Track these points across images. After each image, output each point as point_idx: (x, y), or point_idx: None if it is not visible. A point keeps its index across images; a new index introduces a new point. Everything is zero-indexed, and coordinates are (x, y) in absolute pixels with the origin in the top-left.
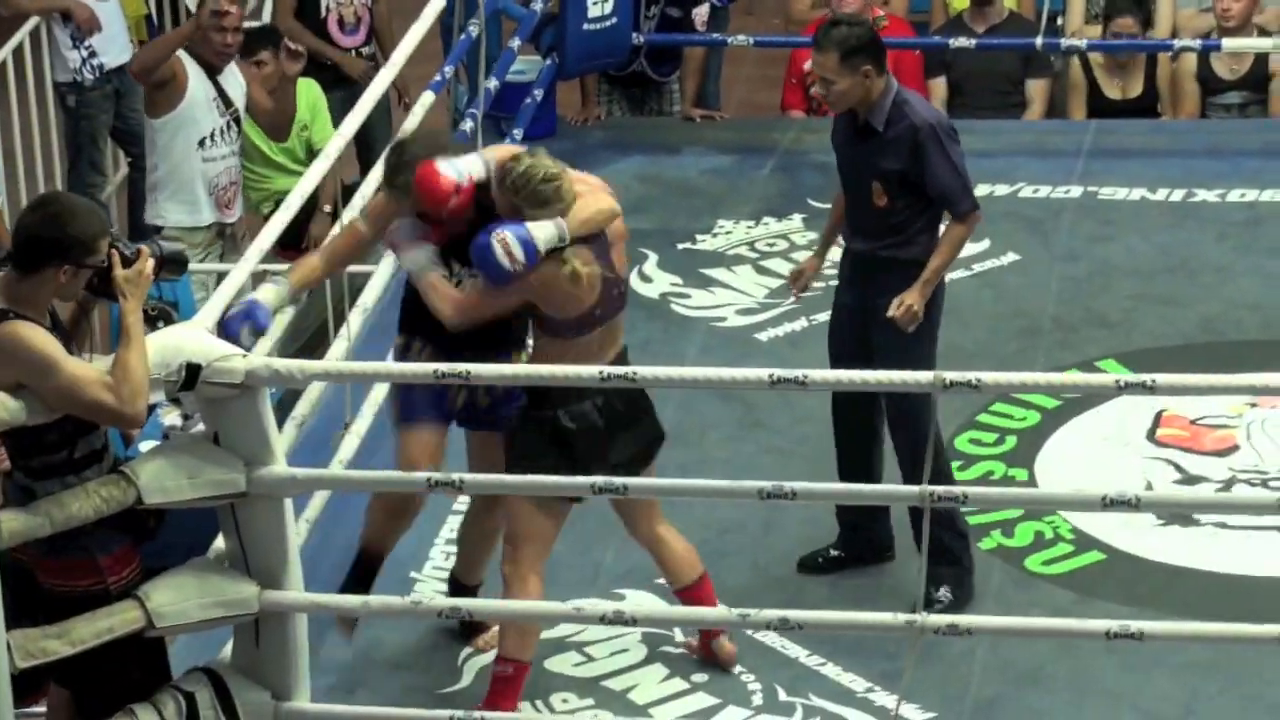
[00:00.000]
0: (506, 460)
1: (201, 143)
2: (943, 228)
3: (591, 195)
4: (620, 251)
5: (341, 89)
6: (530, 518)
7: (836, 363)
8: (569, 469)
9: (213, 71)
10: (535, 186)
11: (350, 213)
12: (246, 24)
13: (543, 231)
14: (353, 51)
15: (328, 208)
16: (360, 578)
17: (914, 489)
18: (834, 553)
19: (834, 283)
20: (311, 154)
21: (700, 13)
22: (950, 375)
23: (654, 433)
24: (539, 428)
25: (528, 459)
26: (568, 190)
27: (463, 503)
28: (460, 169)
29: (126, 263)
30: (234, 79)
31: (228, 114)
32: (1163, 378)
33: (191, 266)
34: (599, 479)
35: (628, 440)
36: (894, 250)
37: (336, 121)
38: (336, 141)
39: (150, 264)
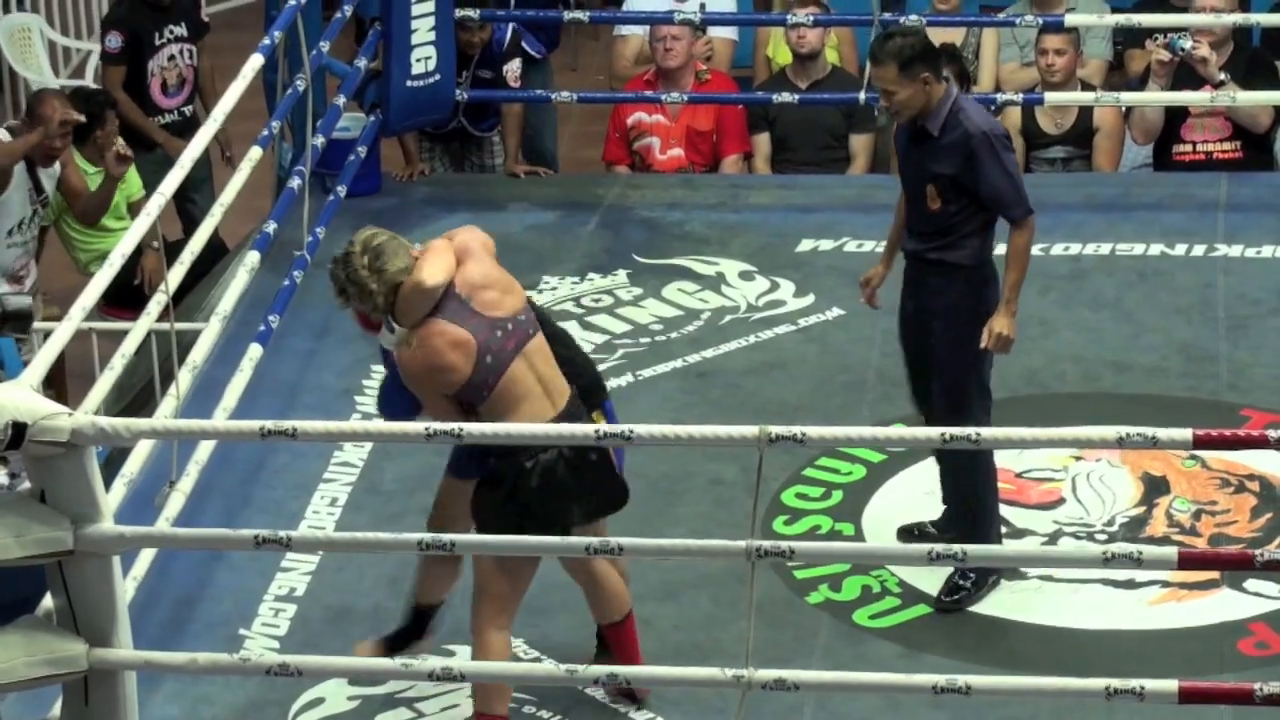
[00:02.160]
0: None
1: (10, 232)
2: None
3: (426, 258)
4: (487, 294)
5: (160, 148)
6: (493, 576)
7: (908, 361)
8: (533, 525)
9: (32, 165)
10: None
11: (178, 268)
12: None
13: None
14: (175, 111)
15: (155, 244)
16: (415, 631)
17: (739, 544)
18: (931, 529)
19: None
20: (132, 209)
21: (512, 68)
22: (775, 429)
23: (619, 493)
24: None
25: (490, 515)
26: (397, 251)
27: (291, 559)
28: None
29: None
30: (49, 169)
31: (37, 201)
32: (987, 431)
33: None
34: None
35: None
36: (942, 253)
37: (157, 180)
38: (157, 199)
39: None
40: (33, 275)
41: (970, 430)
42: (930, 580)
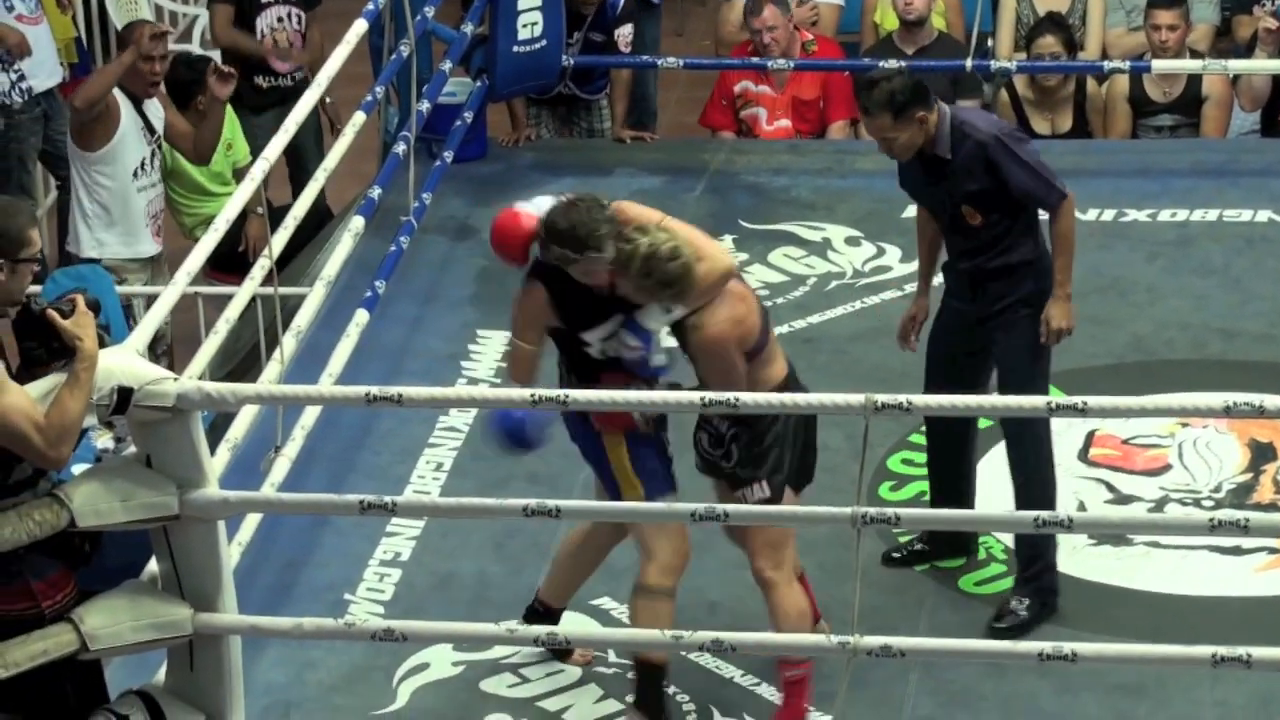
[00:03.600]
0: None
1: (134, 173)
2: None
3: (707, 261)
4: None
5: (275, 109)
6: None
7: (940, 364)
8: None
9: (137, 101)
10: (664, 267)
11: (282, 233)
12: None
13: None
14: (288, 77)
15: (260, 209)
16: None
17: (845, 510)
18: (918, 545)
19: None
20: (238, 174)
21: (624, 33)
22: (882, 398)
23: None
24: None
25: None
26: (692, 262)
27: (396, 524)
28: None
29: (63, 316)
30: (154, 107)
31: (152, 142)
32: (1094, 400)
33: (123, 290)
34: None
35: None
36: (1003, 257)
37: (264, 145)
38: (261, 164)
39: (83, 304)
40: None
41: (1077, 399)
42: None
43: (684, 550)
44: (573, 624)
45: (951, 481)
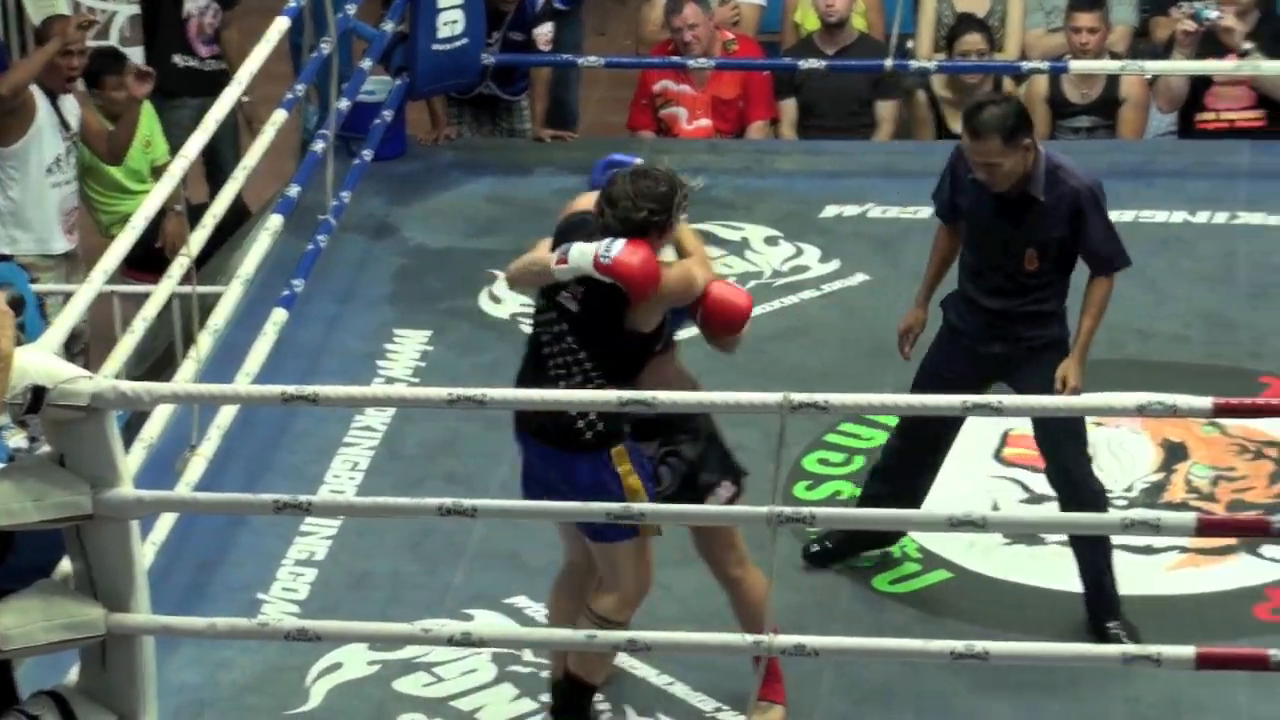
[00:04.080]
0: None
1: (49, 169)
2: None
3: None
4: None
5: (197, 98)
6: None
7: (930, 381)
8: None
9: (52, 96)
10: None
11: (200, 231)
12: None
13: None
14: (209, 60)
15: (178, 207)
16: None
17: (761, 510)
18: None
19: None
20: (155, 172)
21: (543, 32)
22: (798, 397)
23: None
24: None
25: None
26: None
27: (311, 524)
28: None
29: None
30: (70, 103)
31: (68, 139)
32: (1010, 399)
33: (38, 288)
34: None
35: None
36: (1038, 305)
37: (182, 143)
38: (179, 162)
39: (2, 303)
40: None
41: (993, 398)
42: (950, 546)
43: (647, 583)
44: (488, 623)
45: (910, 486)
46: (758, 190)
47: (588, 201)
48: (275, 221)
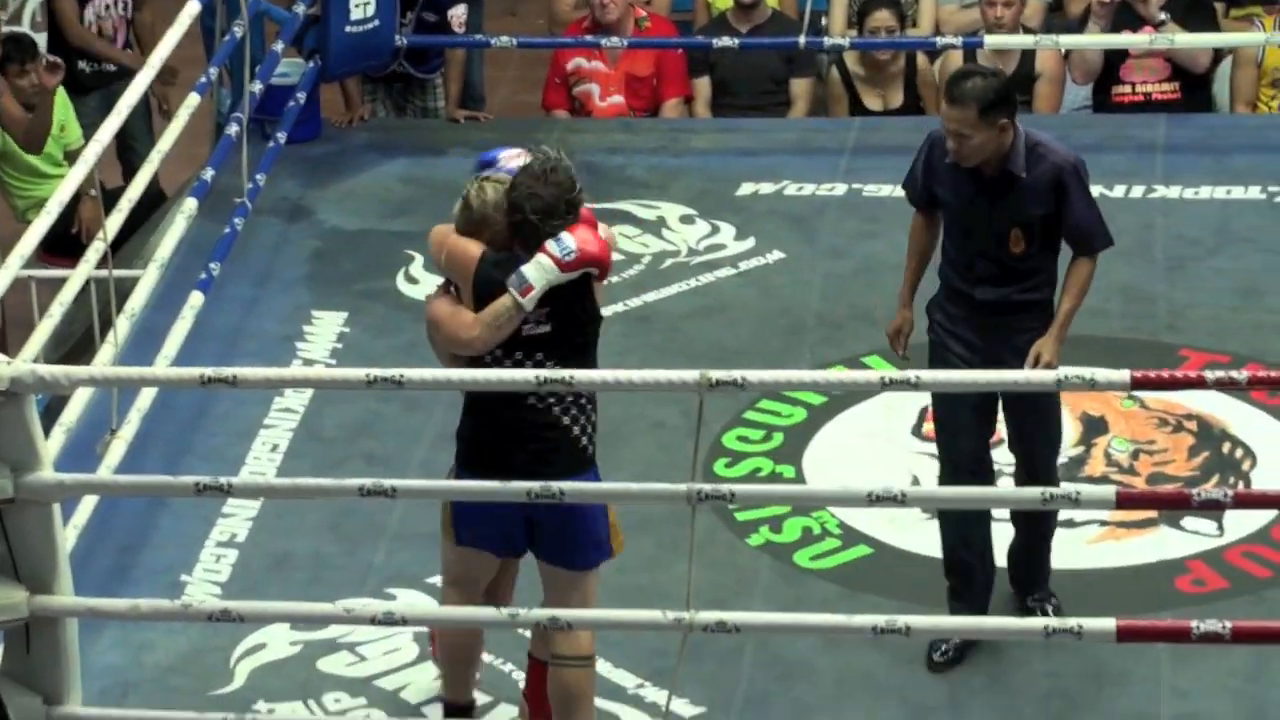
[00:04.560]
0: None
1: None
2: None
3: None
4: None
5: (100, 90)
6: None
7: (955, 406)
8: None
9: None
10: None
11: (116, 215)
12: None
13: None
14: (111, 63)
15: (93, 191)
16: None
17: (680, 487)
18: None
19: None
20: (69, 156)
21: (457, 14)
22: (716, 374)
23: None
24: None
25: None
26: None
27: (232, 505)
28: None
29: None
30: None
31: None
32: (927, 375)
33: None
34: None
35: None
36: (1029, 293)
37: (95, 128)
38: (94, 147)
39: None
40: None
41: (910, 373)
42: (870, 522)
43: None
44: (410, 602)
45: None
46: (673, 169)
47: (472, 245)
48: (190, 205)
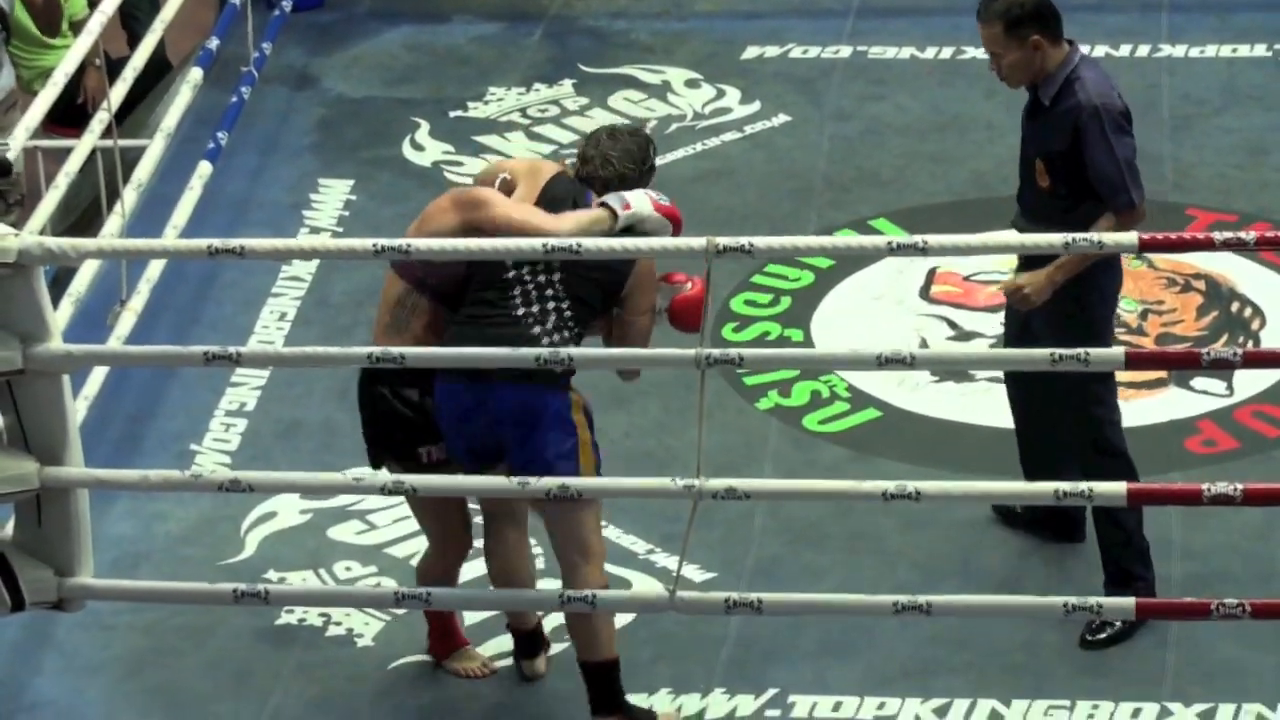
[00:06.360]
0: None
1: None
2: None
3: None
4: None
5: None
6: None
7: (1012, 341)
8: None
9: None
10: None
11: (120, 85)
12: None
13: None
14: None
15: (97, 61)
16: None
17: (688, 352)
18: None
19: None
20: (74, 26)
21: None
22: (723, 240)
23: None
24: None
25: None
26: None
27: (241, 375)
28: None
29: None
30: None
31: None
32: (934, 239)
33: None
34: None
35: None
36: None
37: None
38: (98, 16)
39: None
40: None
41: (917, 238)
42: (879, 385)
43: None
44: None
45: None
46: (678, 32)
47: (548, 166)
48: (196, 75)
